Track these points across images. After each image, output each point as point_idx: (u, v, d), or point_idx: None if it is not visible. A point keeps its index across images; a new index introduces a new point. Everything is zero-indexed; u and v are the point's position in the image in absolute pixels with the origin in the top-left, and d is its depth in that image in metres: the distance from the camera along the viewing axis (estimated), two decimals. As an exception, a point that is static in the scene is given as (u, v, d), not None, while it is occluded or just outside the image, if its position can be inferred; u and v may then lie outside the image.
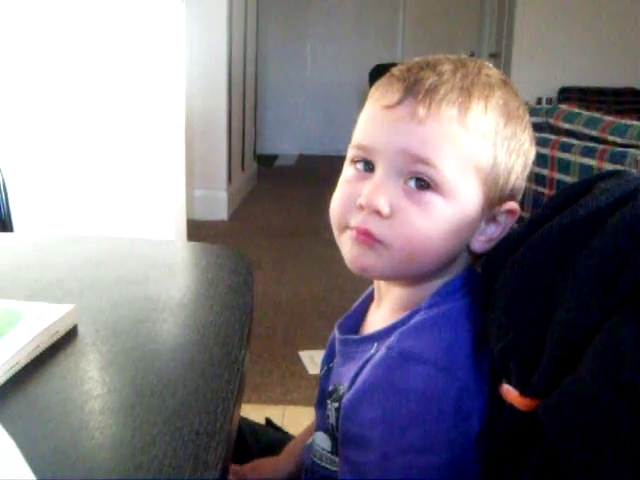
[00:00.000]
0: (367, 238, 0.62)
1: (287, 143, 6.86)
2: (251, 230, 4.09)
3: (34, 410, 0.60)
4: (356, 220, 0.63)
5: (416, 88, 0.61)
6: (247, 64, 4.88)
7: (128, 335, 0.76)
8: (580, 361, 0.50)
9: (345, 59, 6.62)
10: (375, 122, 0.64)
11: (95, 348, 0.73)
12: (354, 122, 0.68)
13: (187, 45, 2.36)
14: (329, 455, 0.72)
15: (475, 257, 0.68)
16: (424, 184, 0.61)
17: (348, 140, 0.67)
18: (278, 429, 1.01)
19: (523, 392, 0.57)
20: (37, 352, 0.69)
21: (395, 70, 0.65)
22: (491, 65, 0.67)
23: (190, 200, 2.39)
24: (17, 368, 0.66)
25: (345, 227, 0.64)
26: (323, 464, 0.72)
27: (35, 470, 0.49)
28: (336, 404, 0.69)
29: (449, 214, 0.61)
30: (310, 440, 0.77)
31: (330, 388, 0.72)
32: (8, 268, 0.98)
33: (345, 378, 0.68)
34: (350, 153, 0.66)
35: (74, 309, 0.77)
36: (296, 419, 1.78)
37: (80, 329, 0.76)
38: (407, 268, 0.64)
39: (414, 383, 0.60)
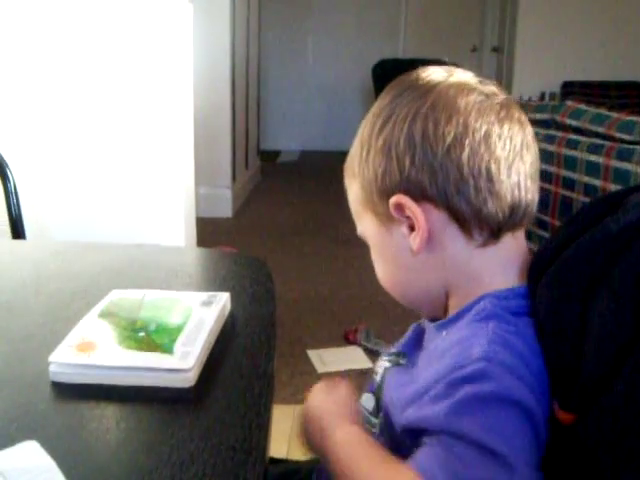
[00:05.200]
0: None
1: (290, 139, 6.85)
2: (256, 227, 4.09)
3: (72, 428, 0.60)
4: None
5: None
6: (250, 61, 4.87)
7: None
8: (616, 378, 0.51)
9: (347, 54, 6.59)
10: None
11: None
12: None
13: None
14: (368, 416, 0.72)
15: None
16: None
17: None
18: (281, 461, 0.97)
19: (562, 406, 0.57)
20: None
21: None
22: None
23: (194, 197, 2.40)
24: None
25: None
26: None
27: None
28: (387, 363, 0.71)
29: (376, 244, 0.70)
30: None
31: (393, 350, 0.74)
32: (29, 278, 0.98)
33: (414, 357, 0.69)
34: None
35: None
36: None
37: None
38: (411, 303, 0.71)
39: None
